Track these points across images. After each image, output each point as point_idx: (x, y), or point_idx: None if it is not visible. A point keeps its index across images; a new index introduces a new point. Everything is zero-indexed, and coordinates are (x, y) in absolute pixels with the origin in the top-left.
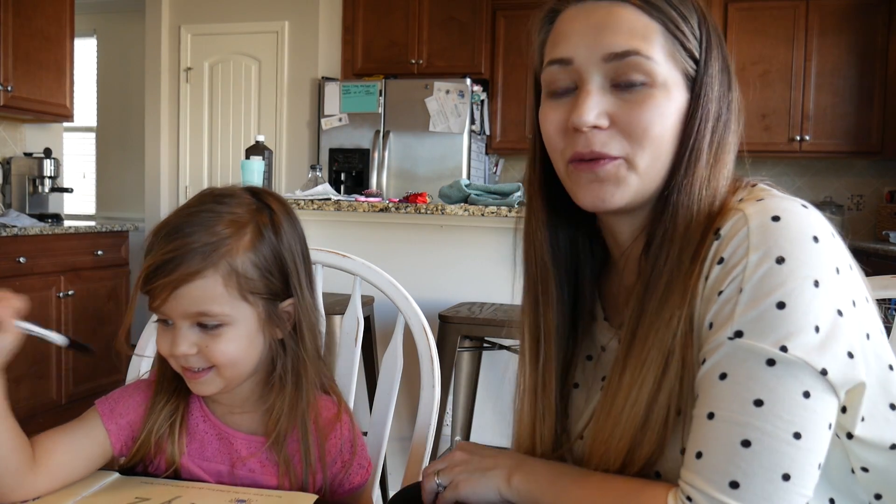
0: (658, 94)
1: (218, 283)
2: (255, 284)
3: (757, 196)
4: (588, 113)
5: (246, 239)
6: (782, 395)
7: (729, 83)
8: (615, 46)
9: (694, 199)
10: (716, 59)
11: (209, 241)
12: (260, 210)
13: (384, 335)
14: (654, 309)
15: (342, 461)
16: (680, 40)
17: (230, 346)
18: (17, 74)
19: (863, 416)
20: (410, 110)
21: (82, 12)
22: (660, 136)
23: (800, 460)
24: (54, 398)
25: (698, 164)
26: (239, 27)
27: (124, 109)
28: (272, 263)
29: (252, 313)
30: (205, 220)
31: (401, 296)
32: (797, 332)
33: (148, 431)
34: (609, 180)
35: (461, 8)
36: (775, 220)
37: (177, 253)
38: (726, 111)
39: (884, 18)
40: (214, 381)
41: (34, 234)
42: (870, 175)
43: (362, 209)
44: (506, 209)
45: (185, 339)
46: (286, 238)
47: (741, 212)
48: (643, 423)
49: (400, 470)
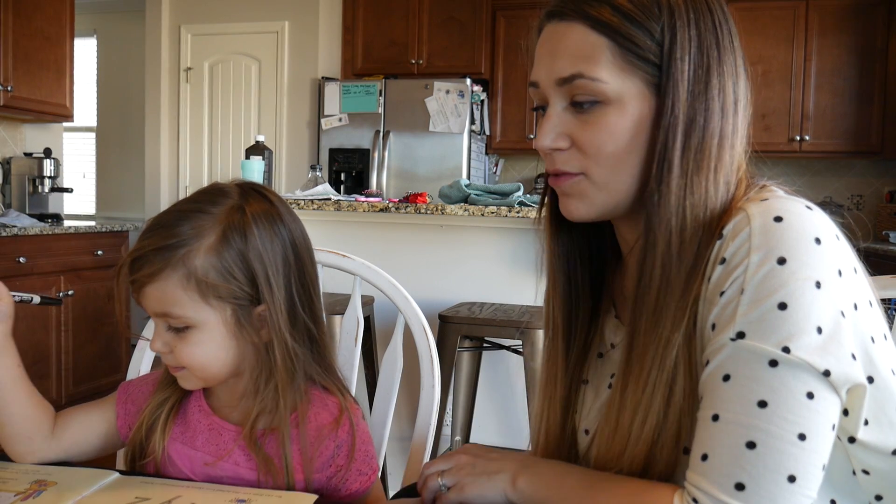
0: (611, 111)
1: (176, 285)
2: (219, 289)
3: (762, 196)
4: (544, 138)
5: (208, 241)
6: (786, 396)
7: (708, 81)
8: (561, 71)
9: (671, 211)
10: (684, 59)
11: (167, 243)
12: (234, 210)
13: (384, 335)
14: (648, 329)
15: (335, 466)
16: (633, 51)
17: (195, 349)
18: (17, 74)
19: (866, 420)
20: (410, 110)
21: (82, 12)
22: (615, 153)
23: (805, 461)
24: (54, 398)
25: (671, 174)
26: (239, 27)
27: (124, 109)
28: (238, 268)
29: (219, 318)
30: (173, 219)
31: (401, 296)
32: (799, 333)
33: (142, 420)
34: (573, 195)
35: (461, 8)
36: (777, 221)
37: (142, 252)
38: (703, 112)
39: (884, 18)
40: (191, 378)
41: (34, 234)
42: (870, 175)
43: (362, 209)
44: (506, 209)
45: (158, 337)
46: (257, 241)
47: (744, 212)
48: (653, 444)
49: (400, 470)
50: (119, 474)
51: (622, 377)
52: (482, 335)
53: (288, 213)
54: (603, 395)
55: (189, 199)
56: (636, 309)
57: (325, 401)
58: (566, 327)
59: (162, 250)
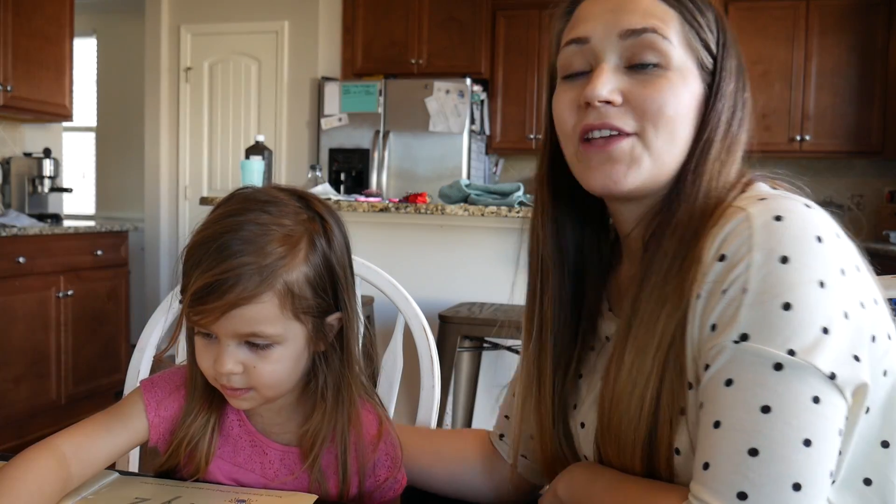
0: (673, 76)
1: (275, 305)
2: (309, 303)
3: (759, 195)
4: (602, 87)
5: (301, 256)
6: (790, 400)
7: (743, 83)
8: (632, 23)
9: (700, 192)
10: (731, 56)
11: (266, 263)
12: (311, 220)
13: (384, 335)
14: (654, 296)
15: (384, 477)
16: (696, 30)
17: (277, 365)
18: (17, 74)
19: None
20: (410, 110)
21: (82, 12)
22: (674, 118)
23: (811, 468)
24: (54, 398)
25: (708, 157)
26: (239, 27)
27: (124, 109)
28: (325, 279)
29: (302, 331)
30: (256, 234)
31: (401, 296)
32: (804, 334)
33: (181, 437)
34: (622, 160)
35: (461, 8)
36: (778, 220)
37: (231, 274)
38: (741, 109)
39: (884, 18)
40: (254, 398)
41: (34, 234)
42: (870, 175)
43: (362, 209)
44: (506, 209)
45: (231, 358)
46: (337, 250)
47: (744, 210)
48: (653, 412)
49: None
50: (119, 474)
51: (621, 344)
52: (482, 335)
53: (341, 219)
54: (596, 387)
55: (245, 210)
56: (645, 281)
57: (365, 406)
58: (559, 325)
59: (260, 269)
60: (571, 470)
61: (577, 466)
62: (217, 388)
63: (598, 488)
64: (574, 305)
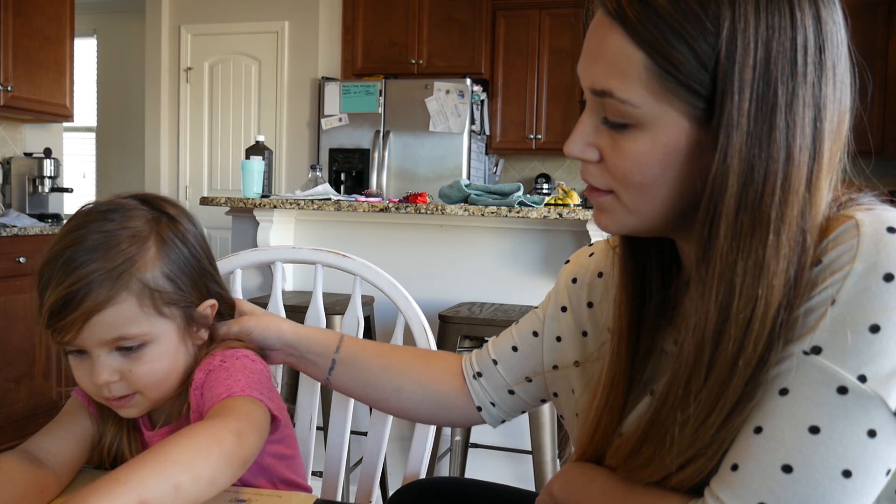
0: (641, 137)
1: (133, 304)
2: (170, 296)
3: (865, 206)
4: (572, 145)
5: (151, 253)
6: (844, 428)
7: (773, 120)
8: (595, 81)
9: (721, 291)
10: (743, 93)
11: (114, 266)
12: (157, 218)
13: (384, 335)
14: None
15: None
16: (673, 75)
17: (154, 364)
18: (17, 74)
19: None
20: (410, 110)
21: (82, 12)
22: (642, 183)
23: (842, 501)
24: (54, 398)
25: (717, 239)
26: (239, 27)
27: (124, 109)
28: (183, 270)
29: (171, 326)
30: (100, 242)
31: (401, 296)
32: (883, 362)
33: (102, 446)
34: (604, 210)
35: (461, 8)
36: (891, 232)
37: (81, 284)
38: (765, 160)
39: (884, 18)
40: (140, 403)
41: (34, 234)
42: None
43: (362, 209)
44: (506, 209)
45: (105, 368)
46: (191, 241)
47: (852, 218)
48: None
49: (400, 470)
50: None
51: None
52: (482, 335)
53: (188, 211)
54: (642, 399)
55: (85, 223)
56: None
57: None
58: (630, 330)
59: (109, 273)
60: (566, 471)
61: (573, 467)
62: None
63: (597, 490)
64: (646, 314)
